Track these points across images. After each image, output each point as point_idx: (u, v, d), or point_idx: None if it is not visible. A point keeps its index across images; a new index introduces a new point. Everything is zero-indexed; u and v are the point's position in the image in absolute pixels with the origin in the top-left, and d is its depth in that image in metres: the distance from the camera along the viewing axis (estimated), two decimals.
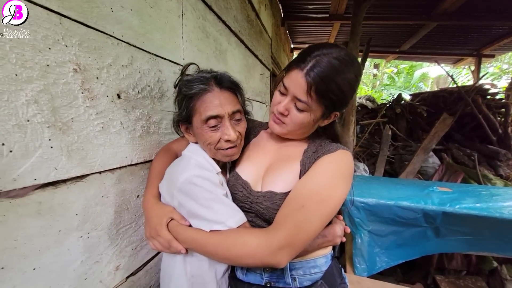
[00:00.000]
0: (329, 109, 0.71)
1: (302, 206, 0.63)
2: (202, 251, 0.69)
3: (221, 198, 0.70)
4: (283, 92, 0.72)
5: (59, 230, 0.65)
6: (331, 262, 0.79)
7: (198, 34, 1.31)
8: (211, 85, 0.74)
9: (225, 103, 0.74)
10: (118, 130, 0.80)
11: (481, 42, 4.99)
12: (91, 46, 0.69)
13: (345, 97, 0.70)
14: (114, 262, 0.83)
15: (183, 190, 0.68)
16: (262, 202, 0.72)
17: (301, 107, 0.69)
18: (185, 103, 0.75)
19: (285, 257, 0.60)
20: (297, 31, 5.51)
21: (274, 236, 0.61)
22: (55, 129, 0.61)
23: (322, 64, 0.64)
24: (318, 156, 0.72)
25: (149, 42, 0.93)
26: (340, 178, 0.68)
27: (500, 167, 3.20)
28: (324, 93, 0.66)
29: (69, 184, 0.66)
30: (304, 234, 0.62)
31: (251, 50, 2.35)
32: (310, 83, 0.65)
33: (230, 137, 0.74)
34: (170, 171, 0.76)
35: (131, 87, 0.85)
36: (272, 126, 0.77)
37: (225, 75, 0.78)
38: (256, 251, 0.61)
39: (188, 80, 0.76)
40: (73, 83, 0.65)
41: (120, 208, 0.84)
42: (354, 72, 0.68)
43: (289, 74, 0.70)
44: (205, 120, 0.73)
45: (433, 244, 1.78)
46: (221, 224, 0.66)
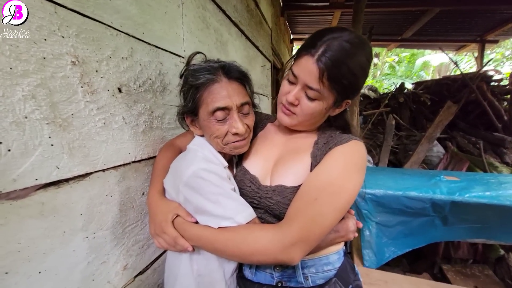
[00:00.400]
0: (341, 96, 0.68)
1: (315, 199, 0.60)
2: (210, 249, 0.66)
3: (229, 193, 0.67)
4: (292, 80, 0.69)
5: (64, 231, 0.62)
6: (344, 258, 0.77)
7: (199, 24, 1.26)
8: (218, 75, 0.71)
9: (233, 95, 0.70)
10: (120, 126, 0.77)
11: (485, 27, 4.88)
12: (89, 37, 0.65)
13: (357, 82, 0.67)
14: (121, 262, 0.81)
15: (190, 184, 0.65)
16: (272, 197, 0.69)
17: (312, 96, 0.66)
18: (191, 93, 0.72)
19: (298, 253, 0.58)
20: (297, 21, 5.41)
21: (286, 232, 0.58)
22: (55, 126, 0.58)
23: (333, 48, 0.61)
24: (329, 147, 0.68)
25: (149, 32, 0.88)
26: (354, 170, 0.65)
27: (506, 154, 3.16)
28: (337, 79, 0.63)
29: (72, 183, 0.63)
30: (318, 229, 0.60)
31: (252, 41, 2.30)
32: (322, 69, 0.61)
33: (238, 130, 0.70)
34: (175, 165, 0.73)
35: (132, 81, 0.81)
36: (281, 117, 0.74)
37: (233, 65, 0.74)
38: (268, 247, 0.58)
39: (195, 69, 0.72)
40: (72, 77, 0.61)
41: (125, 206, 0.82)
42: (366, 55, 0.65)
43: (299, 61, 0.67)
44: (212, 112, 0.69)
45: (440, 232, 1.76)
46: (230, 220, 0.63)
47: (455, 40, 5.79)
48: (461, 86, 3.91)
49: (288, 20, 5.30)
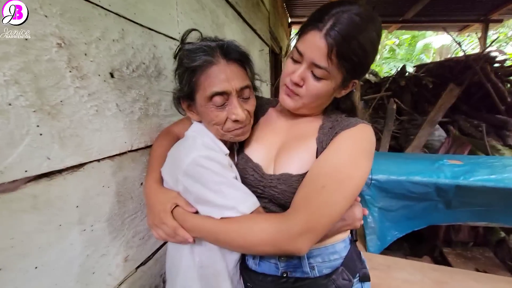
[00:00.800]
0: (350, 75, 0.63)
1: (323, 187, 0.57)
2: (213, 240, 0.63)
3: (231, 181, 0.64)
4: (297, 59, 0.64)
5: (60, 225, 0.59)
6: (350, 247, 0.74)
7: (193, 5, 1.19)
8: (216, 56, 0.64)
9: (232, 78, 0.64)
10: (114, 113, 0.73)
11: (489, 6, 4.73)
12: (75, 16, 0.60)
13: (367, 58, 0.62)
14: (122, 254, 0.80)
15: (190, 173, 0.61)
16: (276, 186, 0.66)
17: (319, 75, 0.61)
18: (186, 76, 0.66)
19: (306, 243, 0.55)
20: (295, 3, 5.23)
21: (293, 221, 0.56)
22: (43, 114, 0.54)
23: (343, 21, 0.57)
24: (336, 132, 0.65)
25: (141, 13, 0.83)
26: (362, 154, 0.61)
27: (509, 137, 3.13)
28: (346, 55, 0.58)
29: (65, 174, 0.60)
30: (327, 217, 0.57)
31: (249, 24, 2.21)
32: (331, 45, 0.57)
33: (238, 117, 0.66)
34: (174, 153, 0.69)
35: (124, 65, 0.76)
36: (284, 100, 0.69)
37: (232, 44, 0.68)
38: (275, 237, 0.55)
39: (190, 49, 0.66)
40: (58, 60, 0.57)
41: (123, 197, 0.79)
42: (376, 29, 0.61)
43: (305, 37, 0.62)
44: (209, 97, 0.64)
45: (443, 215, 1.76)
46: (233, 209, 0.60)
47: (458, 20, 5.63)
48: (464, 68, 3.82)
49: (286, 2, 5.12)
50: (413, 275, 1.52)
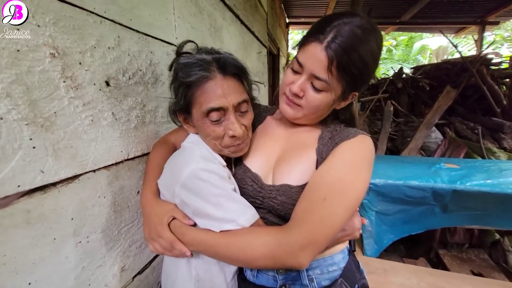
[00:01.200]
0: (350, 87, 0.63)
1: (324, 199, 0.56)
2: (212, 254, 0.62)
3: (230, 194, 0.63)
4: (297, 70, 0.63)
5: (54, 239, 0.58)
6: (349, 257, 0.74)
7: (191, 9, 1.18)
8: (212, 70, 0.63)
9: (229, 93, 0.63)
10: (110, 122, 0.72)
11: (487, 8, 4.76)
12: (69, 25, 0.59)
13: (367, 71, 0.62)
14: (118, 264, 0.78)
15: (188, 186, 0.60)
16: (276, 197, 0.65)
17: (319, 87, 0.61)
18: (182, 91, 0.64)
19: (308, 257, 0.54)
20: (293, 3, 5.22)
21: (295, 234, 0.54)
22: (36, 126, 0.52)
23: (344, 33, 0.56)
24: (336, 142, 0.64)
25: (137, 19, 0.81)
26: (363, 165, 0.61)
27: (504, 140, 3.16)
28: (346, 68, 0.58)
29: (60, 187, 0.59)
30: (329, 230, 0.56)
31: (247, 26, 2.20)
32: (332, 57, 0.56)
33: (235, 133, 0.65)
34: (171, 165, 0.67)
35: (120, 73, 0.75)
36: (284, 109, 0.68)
37: (228, 58, 0.67)
38: (276, 252, 0.54)
39: (185, 64, 0.64)
40: (52, 71, 0.55)
41: (119, 207, 0.78)
42: (377, 42, 0.60)
43: (305, 48, 0.61)
44: (206, 113, 0.63)
45: (439, 219, 1.77)
46: (232, 222, 0.59)
47: (454, 22, 5.66)
48: (461, 70, 3.84)
49: (284, 3, 5.11)
50: (410, 279, 1.52)
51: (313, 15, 5.77)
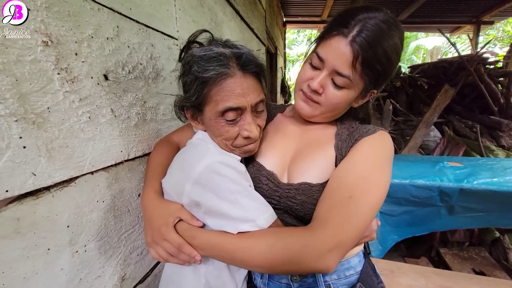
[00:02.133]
0: (371, 84, 0.60)
1: (350, 197, 0.52)
2: (228, 259, 0.55)
3: (248, 191, 0.57)
4: (317, 65, 0.59)
5: (48, 249, 0.52)
6: (365, 260, 0.70)
7: (192, 1, 1.12)
8: (232, 67, 0.57)
9: (248, 93, 0.58)
10: (109, 120, 0.66)
11: (482, 8, 4.80)
12: (63, 11, 0.53)
13: (390, 68, 0.59)
14: (119, 273, 0.72)
15: (202, 181, 0.54)
16: (295, 197, 0.60)
17: (341, 83, 0.57)
18: (196, 87, 0.59)
19: (335, 260, 0.49)
20: (290, 2, 5.19)
21: (322, 236, 0.49)
22: (26, 123, 0.46)
23: (369, 28, 0.53)
24: (355, 139, 0.61)
25: (137, 9, 0.75)
26: (384, 163, 0.58)
27: (502, 138, 3.17)
28: (371, 64, 0.55)
29: (54, 191, 0.53)
30: (356, 230, 0.51)
31: (247, 22, 2.15)
32: (357, 52, 0.53)
33: (251, 134, 0.61)
34: (180, 161, 0.62)
35: (120, 66, 0.69)
36: (300, 107, 0.64)
37: (250, 55, 0.61)
38: (302, 255, 0.49)
39: (202, 57, 0.58)
40: (45, 61, 0.49)
41: (119, 211, 0.72)
42: (400, 38, 0.57)
43: (327, 42, 0.57)
44: (221, 112, 0.58)
45: (445, 221, 1.74)
46: (250, 222, 0.53)
47: (450, 21, 5.71)
48: (458, 69, 3.85)
49: (281, 1, 5.07)
50: (417, 280, 1.49)
51: (310, 14, 5.75)
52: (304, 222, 0.61)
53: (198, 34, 0.65)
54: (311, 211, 0.58)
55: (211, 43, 0.63)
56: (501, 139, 3.16)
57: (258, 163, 0.68)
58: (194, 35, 0.65)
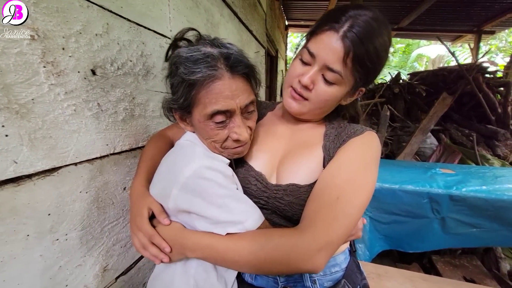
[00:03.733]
0: (361, 82, 0.61)
1: (337, 198, 0.53)
2: (219, 260, 0.56)
3: (236, 194, 0.58)
4: (307, 61, 0.60)
5: (27, 235, 0.54)
6: (350, 258, 0.71)
7: (187, 2, 1.14)
8: (220, 68, 0.56)
9: (237, 95, 0.57)
10: (95, 113, 0.68)
11: (483, 18, 4.82)
12: (52, 7, 0.55)
13: (380, 64, 0.60)
14: (100, 263, 0.74)
15: (190, 186, 0.54)
16: (283, 197, 0.61)
17: (331, 79, 0.58)
18: (183, 89, 0.57)
19: (324, 259, 0.50)
20: (292, 6, 5.23)
21: (310, 236, 0.51)
22: (9, 113, 0.49)
23: (360, 24, 0.54)
24: (343, 139, 0.62)
25: (129, 7, 0.78)
26: (371, 163, 0.59)
27: (498, 147, 3.18)
28: (361, 60, 0.56)
29: (35, 179, 0.55)
30: (344, 230, 0.52)
31: (245, 24, 2.17)
32: (348, 47, 0.54)
33: (241, 137, 0.60)
34: (168, 163, 0.61)
35: (108, 62, 0.71)
36: (288, 103, 0.64)
37: (238, 55, 0.59)
38: (291, 255, 0.50)
39: (188, 58, 0.56)
40: (31, 54, 0.51)
41: (103, 203, 0.74)
42: (388, 35, 0.59)
43: (318, 37, 0.58)
44: (210, 115, 0.57)
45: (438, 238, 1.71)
46: (239, 225, 0.55)
47: (451, 30, 5.73)
48: (457, 78, 3.87)
49: (283, 5, 5.11)
50: (404, 284, 1.50)
51: (312, 19, 5.78)
52: (292, 222, 0.63)
53: (185, 32, 0.63)
54: (298, 212, 0.59)
55: (198, 41, 0.62)
56: (497, 148, 3.17)
57: (247, 164, 0.69)
58: (181, 32, 0.63)
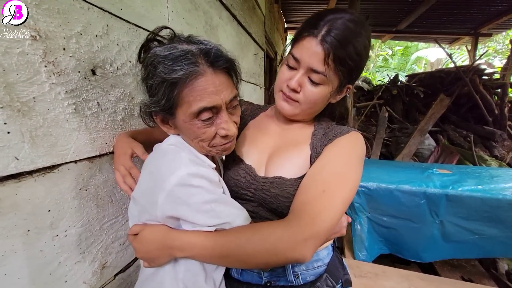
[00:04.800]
0: (346, 79, 0.64)
1: (323, 191, 0.55)
2: (208, 256, 0.56)
3: (223, 198, 0.59)
4: (293, 65, 0.63)
5: (28, 230, 0.55)
6: (333, 253, 0.74)
7: (186, 4, 1.17)
8: (201, 64, 0.54)
9: (221, 90, 0.56)
10: (95, 112, 0.69)
11: (480, 20, 4.86)
12: (53, 8, 0.57)
13: (361, 63, 0.63)
14: (99, 260, 0.75)
15: (175, 195, 0.53)
16: (269, 189, 0.64)
17: (317, 80, 0.61)
18: (164, 89, 0.54)
19: (311, 249, 0.52)
20: (291, 9, 5.27)
21: (297, 227, 0.52)
22: (11, 111, 0.50)
23: (338, 27, 0.57)
24: (330, 138, 0.65)
25: (128, 9, 0.79)
26: (356, 160, 0.62)
27: (495, 148, 3.20)
28: (342, 60, 0.58)
29: (36, 176, 0.56)
30: (329, 222, 0.54)
31: (244, 27, 2.20)
32: (328, 50, 0.57)
33: (229, 132, 0.59)
34: (152, 169, 0.58)
35: (108, 62, 0.73)
36: (281, 106, 0.67)
37: (218, 50, 0.58)
38: (278, 246, 0.51)
39: (167, 56, 0.53)
40: (32, 54, 0.53)
41: (102, 201, 0.75)
42: (367, 35, 0.62)
43: (300, 43, 0.61)
44: (196, 113, 0.55)
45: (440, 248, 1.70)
46: (227, 225, 0.57)
47: (449, 33, 5.78)
48: (454, 79, 3.91)
49: (282, 8, 5.15)
50: (401, 283, 1.51)
51: None
52: (277, 214, 0.65)
53: (158, 31, 0.60)
54: (283, 204, 0.61)
55: (173, 40, 0.59)
56: (494, 149, 3.19)
57: (239, 157, 0.72)
58: (153, 32, 0.60)
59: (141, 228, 0.60)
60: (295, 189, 0.61)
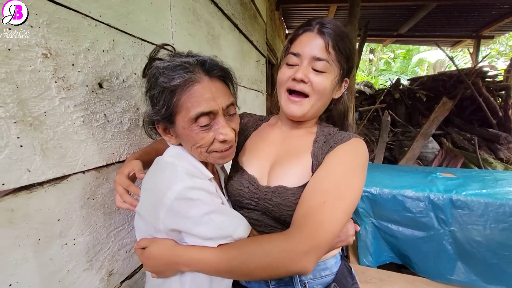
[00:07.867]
0: (344, 69, 0.68)
1: (324, 203, 0.56)
2: (213, 271, 0.57)
3: (222, 208, 0.60)
4: (294, 62, 0.67)
5: (39, 239, 0.57)
6: (341, 262, 0.73)
7: (189, 16, 1.20)
8: (198, 72, 0.58)
9: (218, 96, 0.59)
10: (102, 124, 0.72)
11: (481, 23, 4.86)
12: (63, 27, 0.60)
13: (353, 55, 0.69)
14: (106, 268, 0.77)
15: (175, 209, 0.55)
16: (271, 199, 0.65)
17: (321, 68, 0.65)
18: (164, 97, 0.58)
19: (312, 261, 0.53)
20: (292, 15, 5.33)
21: (297, 240, 0.53)
22: (24, 125, 0.53)
23: (328, 24, 0.65)
24: (331, 146, 0.65)
25: (133, 24, 0.83)
26: (358, 168, 0.62)
27: (500, 151, 3.17)
28: (341, 47, 0.65)
29: (47, 187, 0.58)
30: (330, 234, 0.55)
31: (246, 35, 2.24)
32: (327, 39, 0.64)
33: (227, 137, 0.61)
34: (151, 185, 0.60)
35: (114, 75, 0.76)
36: (289, 108, 0.69)
37: (214, 60, 0.62)
38: (280, 260, 0.52)
39: (166, 67, 0.58)
40: (44, 71, 0.56)
41: (109, 209, 0.77)
42: (352, 36, 0.69)
43: (298, 40, 0.67)
44: (194, 119, 0.57)
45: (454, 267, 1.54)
46: (228, 238, 0.58)
47: (450, 36, 5.77)
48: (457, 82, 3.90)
49: (283, 15, 5.21)
50: None
51: None
52: (280, 222, 0.66)
53: (159, 49, 0.66)
54: (285, 213, 0.62)
55: (174, 56, 0.63)
56: (499, 151, 3.16)
57: (242, 168, 0.73)
58: (155, 50, 0.65)
59: (148, 243, 0.61)
60: (297, 198, 0.61)
